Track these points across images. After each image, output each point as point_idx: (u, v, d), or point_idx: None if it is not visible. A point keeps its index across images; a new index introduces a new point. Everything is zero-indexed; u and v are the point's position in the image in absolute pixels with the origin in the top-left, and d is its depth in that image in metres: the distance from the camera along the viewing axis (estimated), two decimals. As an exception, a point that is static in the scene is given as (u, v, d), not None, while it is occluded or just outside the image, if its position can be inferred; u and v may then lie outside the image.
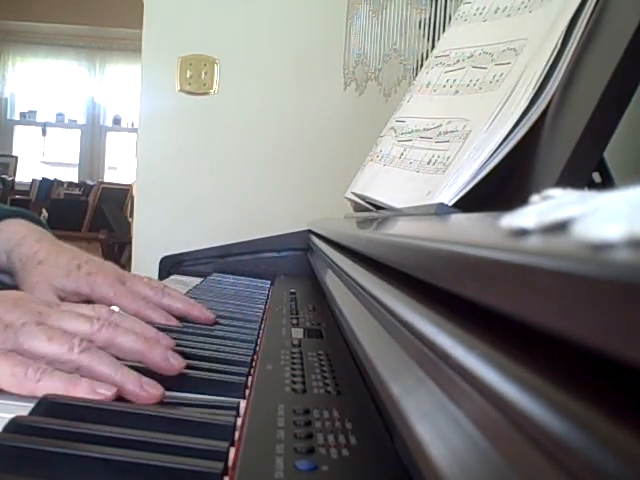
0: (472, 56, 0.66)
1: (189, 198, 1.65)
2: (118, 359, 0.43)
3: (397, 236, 0.34)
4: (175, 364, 0.44)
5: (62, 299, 0.60)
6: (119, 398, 0.40)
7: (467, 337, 0.20)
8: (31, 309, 0.43)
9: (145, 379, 0.41)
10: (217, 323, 0.64)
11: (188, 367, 0.47)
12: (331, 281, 0.65)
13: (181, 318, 0.62)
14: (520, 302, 0.15)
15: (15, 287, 0.66)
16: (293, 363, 0.49)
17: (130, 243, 1.60)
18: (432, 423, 0.20)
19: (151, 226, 1.65)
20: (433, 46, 1.10)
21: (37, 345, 0.40)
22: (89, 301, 0.61)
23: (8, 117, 6.27)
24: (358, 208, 0.85)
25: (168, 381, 0.43)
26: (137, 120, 1.70)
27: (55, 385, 0.38)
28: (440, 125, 0.64)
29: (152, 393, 0.40)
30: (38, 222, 0.73)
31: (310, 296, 0.86)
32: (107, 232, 4.58)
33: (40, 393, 0.38)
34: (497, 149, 0.53)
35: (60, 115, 6.32)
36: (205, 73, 1.64)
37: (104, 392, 0.39)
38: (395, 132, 0.75)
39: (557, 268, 0.13)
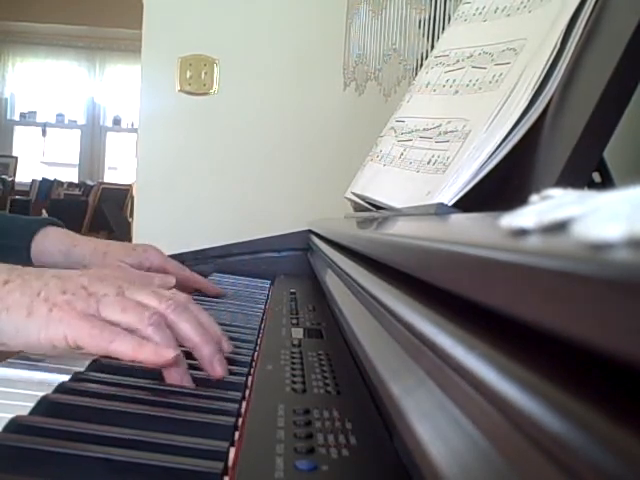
0: (472, 56, 0.66)
1: (189, 198, 1.65)
2: None
3: (397, 236, 0.34)
4: (218, 370, 0.45)
5: None
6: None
7: (467, 337, 0.20)
8: (113, 283, 0.48)
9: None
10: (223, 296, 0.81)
11: (189, 367, 0.47)
12: (331, 281, 0.65)
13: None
14: (520, 302, 0.15)
15: None
16: (293, 363, 0.49)
17: (130, 243, 1.60)
18: (432, 423, 0.20)
19: (151, 226, 1.65)
20: (433, 46, 1.10)
21: (112, 314, 0.45)
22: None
23: (8, 117, 6.27)
24: (358, 208, 0.85)
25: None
26: (137, 120, 1.70)
27: (125, 347, 0.43)
28: (440, 125, 0.64)
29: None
30: (60, 225, 0.86)
31: (310, 296, 0.86)
32: (107, 232, 4.58)
33: (112, 352, 0.43)
34: (497, 149, 0.53)
35: (60, 115, 6.32)
36: (205, 73, 1.64)
37: (166, 355, 0.42)
38: (395, 132, 0.75)
39: (557, 268, 0.13)
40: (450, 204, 0.53)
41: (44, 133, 6.35)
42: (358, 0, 1.41)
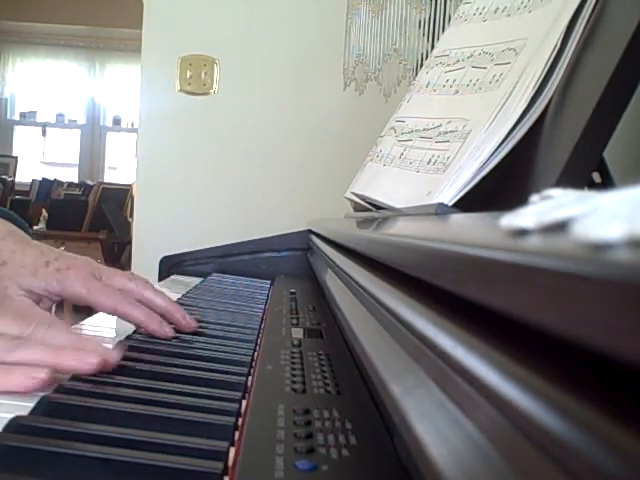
0: (472, 56, 0.66)
1: (189, 198, 1.65)
2: None
3: (397, 236, 0.34)
4: (90, 361, 0.44)
5: (36, 302, 0.57)
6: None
7: (467, 337, 0.20)
8: None
9: (83, 352, 0.44)
10: (199, 331, 0.60)
11: (189, 367, 0.47)
12: (331, 281, 0.65)
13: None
14: (520, 302, 0.15)
15: None
16: (293, 363, 0.49)
17: (130, 243, 1.60)
18: (432, 423, 0.20)
19: (151, 226, 1.65)
20: (433, 46, 1.10)
21: None
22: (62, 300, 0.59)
23: (8, 117, 6.26)
24: (358, 208, 0.85)
25: (170, 380, 0.43)
26: (137, 120, 1.70)
27: None
28: (440, 125, 0.64)
29: (90, 362, 0.43)
30: (10, 219, 0.66)
31: (310, 296, 0.86)
32: (107, 232, 4.58)
33: None
34: (497, 149, 0.53)
35: (60, 115, 6.32)
36: (205, 73, 1.64)
37: (38, 376, 0.42)
38: (395, 132, 0.75)
39: (557, 268, 0.13)
40: (450, 204, 0.53)
41: (44, 133, 6.34)
42: (358, 0, 1.41)
